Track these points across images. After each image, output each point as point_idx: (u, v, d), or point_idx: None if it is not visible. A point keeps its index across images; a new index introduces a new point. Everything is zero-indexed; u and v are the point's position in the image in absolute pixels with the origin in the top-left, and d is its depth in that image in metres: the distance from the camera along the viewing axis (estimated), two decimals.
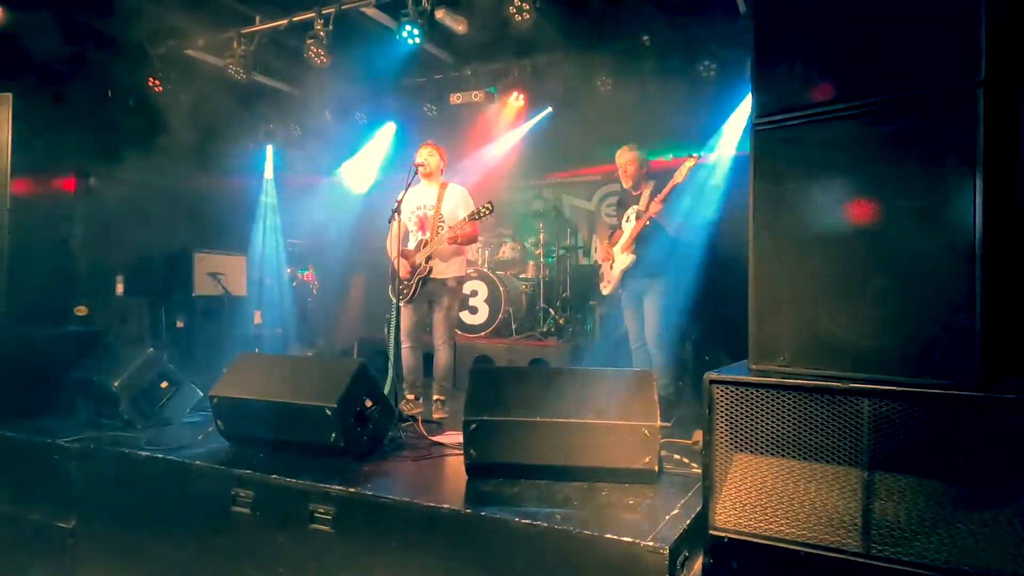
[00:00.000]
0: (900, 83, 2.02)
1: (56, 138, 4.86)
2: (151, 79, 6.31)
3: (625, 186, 4.74)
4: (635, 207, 4.57)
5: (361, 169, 8.51)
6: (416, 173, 4.54)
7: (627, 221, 4.62)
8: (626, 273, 4.59)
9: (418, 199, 4.64)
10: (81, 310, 5.63)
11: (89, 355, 4.44)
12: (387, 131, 8.14)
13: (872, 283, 2.06)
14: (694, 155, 4.40)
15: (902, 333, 2.00)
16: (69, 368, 4.33)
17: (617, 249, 4.64)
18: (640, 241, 4.51)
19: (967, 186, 1.88)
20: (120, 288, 6.40)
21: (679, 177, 4.36)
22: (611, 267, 4.70)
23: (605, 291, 4.80)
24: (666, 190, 4.40)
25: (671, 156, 6.57)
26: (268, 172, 8.28)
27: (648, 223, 4.44)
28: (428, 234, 4.54)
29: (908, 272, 1.99)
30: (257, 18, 5.99)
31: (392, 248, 4.54)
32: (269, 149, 8.26)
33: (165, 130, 6.31)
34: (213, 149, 7.09)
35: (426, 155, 4.59)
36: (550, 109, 7.26)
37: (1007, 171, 1.99)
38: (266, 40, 6.04)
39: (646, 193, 4.55)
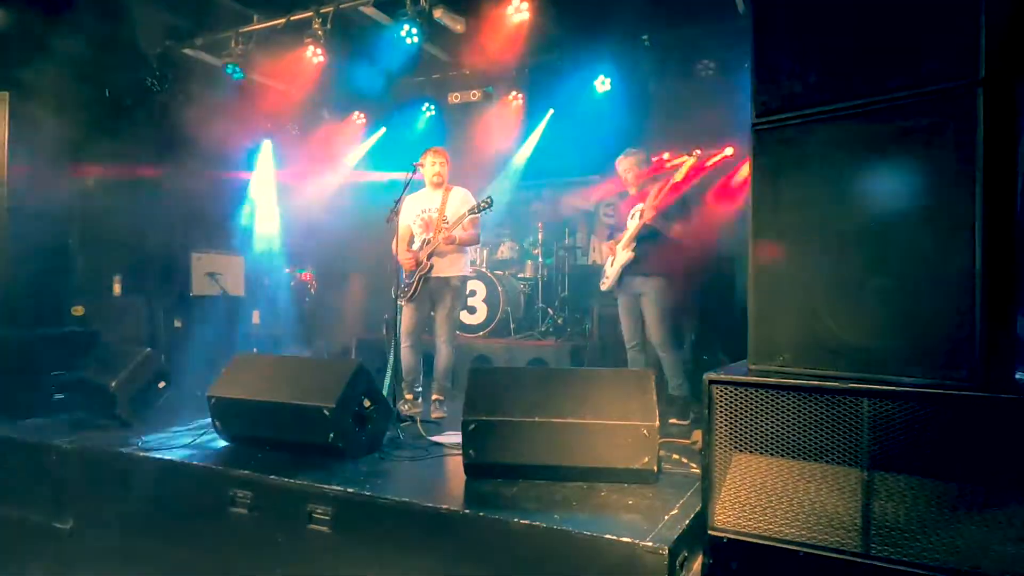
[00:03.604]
0: (899, 82, 2.02)
1: (53, 138, 4.84)
2: (149, 79, 6.30)
3: (631, 192, 4.75)
4: (640, 205, 4.57)
5: (359, 168, 8.50)
6: (416, 172, 4.55)
7: (631, 219, 4.62)
8: (624, 270, 4.59)
9: (423, 203, 4.67)
10: (78, 310, 5.60)
11: (86, 355, 4.42)
12: (386, 130, 8.13)
13: (872, 283, 2.06)
14: (693, 154, 4.39)
15: (902, 333, 2.00)
16: (66, 368, 4.32)
17: (620, 246, 4.65)
18: (640, 240, 4.52)
19: (967, 185, 1.88)
20: (117, 288, 6.37)
21: (677, 176, 4.36)
22: (611, 263, 4.71)
23: (604, 287, 4.80)
24: (664, 191, 4.41)
25: (667, 155, 6.55)
26: (266, 172, 8.26)
27: (650, 222, 4.44)
28: (432, 234, 4.56)
29: (908, 272, 1.99)
30: (255, 17, 5.98)
31: (396, 248, 4.56)
32: (267, 148, 8.24)
33: (163, 130, 6.29)
34: (211, 148, 7.05)
35: (439, 166, 4.61)
36: (552, 111, 7.23)
37: (1007, 169, 1.99)
38: (264, 39, 6.03)
39: (652, 192, 4.55)
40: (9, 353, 4.27)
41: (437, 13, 5.33)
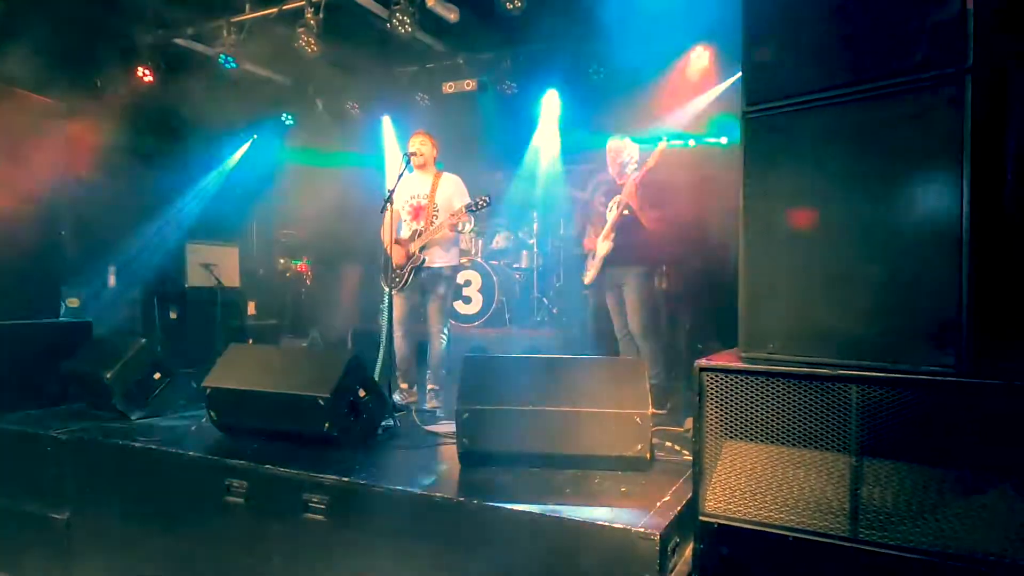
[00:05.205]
0: (888, 70, 2.03)
1: (44, 128, 4.82)
2: (141, 68, 6.27)
3: (613, 175, 4.75)
4: (618, 196, 4.59)
5: (353, 159, 8.48)
6: (409, 162, 4.53)
7: (610, 211, 4.64)
8: (605, 261, 4.61)
9: (412, 188, 4.63)
10: (73, 302, 5.61)
11: (82, 347, 4.42)
12: (379, 121, 8.10)
13: (861, 270, 2.07)
14: (664, 139, 4.40)
15: (890, 320, 2.01)
16: (62, 360, 4.32)
17: (600, 238, 4.66)
18: (619, 230, 4.54)
19: (954, 173, 1.88)
20: (112, 279, 6.37)
21: (651, 162, 4.38)
22: (593, 256, 4.73)
23: (586, 280, 4.83)
24: (640, 175, 4.42)
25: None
26: (259, 162, 8.24)
27: (626, 212, 4.45)
28: (422, 223, 4.53)
29: (896, 259, 2.00)
30: (247, 6, 5.94)
31: (389, 239, 4.55)
32: (261, 138, 8.22)
33: (155, 120, 6.26)
34: (204, 139, 7.04)
35: (419, 144, 4.57)
36: (547, 100, 7.20)
37: (994, 157, 2.00)
38: (256, 29, 6.00)
39: (628, 182, 4.56)
40: (4, 345, 4.27)
41: (430, 2, 5.30)
